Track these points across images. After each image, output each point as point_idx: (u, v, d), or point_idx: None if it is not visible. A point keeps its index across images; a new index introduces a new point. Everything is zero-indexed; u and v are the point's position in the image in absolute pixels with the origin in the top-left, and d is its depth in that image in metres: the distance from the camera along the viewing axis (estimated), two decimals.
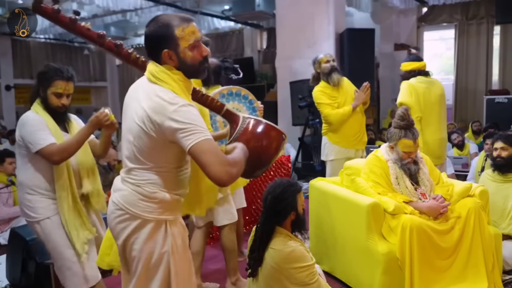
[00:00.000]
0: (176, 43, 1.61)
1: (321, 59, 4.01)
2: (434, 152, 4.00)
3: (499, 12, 8.47)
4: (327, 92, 4.00)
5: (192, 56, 1.64)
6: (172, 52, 1.62)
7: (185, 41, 1.61)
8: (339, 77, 3.97)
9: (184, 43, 1.61)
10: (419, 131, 3.91)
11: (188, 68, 1.65)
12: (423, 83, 4.05)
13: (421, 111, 3.97)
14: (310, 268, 2.22)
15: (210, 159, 1.48)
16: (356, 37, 6.66)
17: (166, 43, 1.61)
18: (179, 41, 1.61)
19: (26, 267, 3.01)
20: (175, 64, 1.64)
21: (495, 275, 2.78)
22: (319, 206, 3.32)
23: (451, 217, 2.79)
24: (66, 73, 2.39)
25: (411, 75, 4.11)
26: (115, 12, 9.66)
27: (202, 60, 1.67)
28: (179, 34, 1.60)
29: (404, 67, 4.23)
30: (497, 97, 8.25)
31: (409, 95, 3.98)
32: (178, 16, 1.65)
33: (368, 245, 2.74)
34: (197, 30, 1.65)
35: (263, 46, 12.55)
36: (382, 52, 9.76)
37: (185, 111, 1.53)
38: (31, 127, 2.28)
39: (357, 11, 9.31)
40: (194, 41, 1.63)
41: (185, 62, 1.64)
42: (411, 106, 3.93)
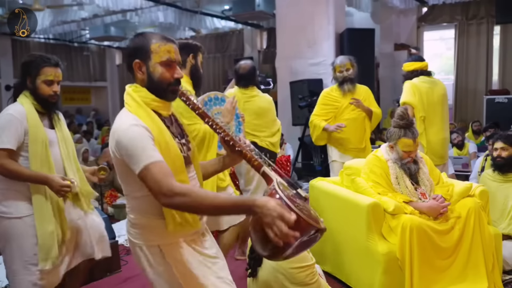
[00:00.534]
0: (148, 56, 1.58)
1: (335, 67, 4.06)
2: (437, 152, 4.00)
3: (499, 12, 8.47)
4: (332, 95, 4.07)
5: (161, 73, 1.58)
6: (142, 64, 1.59)
7: (157, 56, 1.58)
8: (350, 87, 4.00)
9: (156, 58, 1.58)
10: (423, 131, 3.92)
11: (155, 85, 1.59)
12: (426, 83, 4.06)
13: (424, 110, 3.98)
14: (310, 268, 2.22)
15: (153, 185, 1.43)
16: (356, 37, 6.66)
17: (139, 54, 1.59)
18: (152, 54, 1.58)
19: None
20: (143, 77, 1.60)
21: (495, 275, 2.78)
22: (319, 206, 3.32)
23: (451, 217, 2.79)
24: (53, 59, 2.32)
25: (413, 75, 4.12)
26: (115, 12, 9.65)
27: (172, 82, 1.61)
28: (153, 48, 1.58)
29: (406, 67, 4.22)
30: (497, 97, 8.25)
31: (412, 94, 3.99)
32: (162, 35, 1.63)
33: (368, 245, 2.74)
34: (174, 51, 1.60)
35: (263, 46, 12.55)
36: (382, 52, 9.76)
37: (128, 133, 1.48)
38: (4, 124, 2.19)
39: (357, 11, 9.31)
40: (167, 59, 1.58)
41: (153, 78, 1.59)
42: (415, 106, 3.96)
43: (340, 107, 4.01)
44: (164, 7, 9.56)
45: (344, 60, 4.06)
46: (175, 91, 1.63)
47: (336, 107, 4.03)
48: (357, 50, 6.50)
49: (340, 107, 4.01)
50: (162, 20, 10.05)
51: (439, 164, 4.02)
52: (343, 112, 4.01)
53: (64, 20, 10.24)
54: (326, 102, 4.08)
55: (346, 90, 3.99)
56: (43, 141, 2.23)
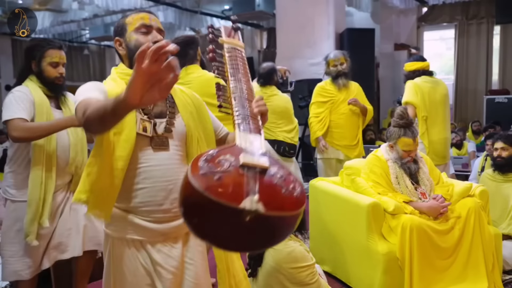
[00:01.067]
0: (125, 29, 1.54)
1: (329, 61, 4.05)
2: (440, 152, 4.00)
3: (499, 12, 8.48)
4: (326, 89, 4.05)
5: (136, 39, 1.51)
6: (121, 39, 1.55)
7: (131, 25, 1.53)
8: (344, 82, 4.00)
9: (131, 27, 1.53)
10: (425, 131, 3.91)
11: (132, 53, 1.48)
12: (428, 82, 4.05)
13: (426, 110, 3.96)
14: (310, 268, 2.22)
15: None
16: (356, 37, 6.67)
17: (118, 32, 1.57)
18: (127, 26, 1.54)
19: None
20: (125, 53, 1.56)
21: (495, 275, 2.78)
22: (319, 206, 3.32)
23: (451, 217, 2.79)
24: (56, 42, 2.33)
25: (415, 74, 4.10)
26: (115, 12, 9.66)
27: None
28: (127, 21, 1.55)
29: (408, 67, 4.20)
30: (497, 97, 8.26)
31: (415, 94, 3.97)
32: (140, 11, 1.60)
33: (368, 245, 2.74)
34: (147, 17, 1.54)
35: (263, 46, 12.55)
36: (382, 52, 9.76)
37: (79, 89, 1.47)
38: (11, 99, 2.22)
39: (357, 11, 9.32)
40: (141, 25, 1.52)
41: (129, 46, 1.53)
42: (417, 106, 3.95)
43: (336, 101, 4.00)
44: (164, 7, 9.58)
45: (338, 54, 4.06)
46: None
47: (332, 101, 4.02)
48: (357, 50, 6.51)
49: (336, 101, 4.00)
50: (162, 20, 10.05)
51: (441, 164, 4.02)
52: (338, 106, 4.01)
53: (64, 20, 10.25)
54: (323, 98, 4.06)
55: (341, 84, 3.98)
56: (47, 118, 2.24)
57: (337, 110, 4.01)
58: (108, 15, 10.01)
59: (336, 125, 4.01)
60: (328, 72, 4.07)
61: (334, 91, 4.02)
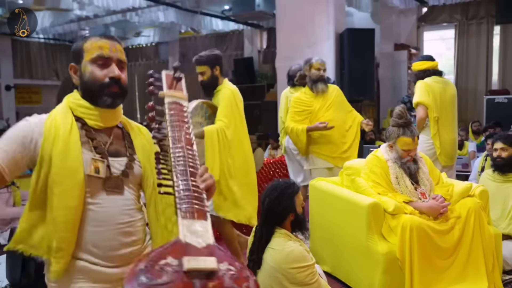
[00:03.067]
0: (81, 55, 1.39)
1: (313, 64, 3.88)
2: (450, 153, 3.96)
3: (499, 12, 8.48)
4: (304, 100, 3.88)
5: (91, 72, 1.36)
6: (76, 66, 1.41)
7: (88, 53, 1.37)
8: (323, 87, 3.85)
9: (87, 56, 1.38)
10: (436, 131, 3.85)
11: (87, 87, 1.38)
12: (439, 83, 3.97)
13: (438, 111, 3.89)
14: (310, 268, 2.22)
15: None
16: (356, 37, 6.66)
17: (75, 57, 1.42)
18: (84, 53, 1.38)
19: (26, 267, 3.01)
20: (77, 81, 1.42)
21: (495, 275, 2.78)
22: (319, 206, 3.32)
23: (451, 217, 2.79)
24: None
25: (426, 74, 4.00)
26: (115, 12, 9.66)
27: (106, 83, 1.36)
28: (85, 47, 1.39)
29: (417, 66, 4.09)
30: (497, 97, 8.26)
31: (426, 94, 3.89)
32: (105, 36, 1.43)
33: (368, 245, 2.74)
34: (107, 47, 1.37)
35: (263, 46, 12.55)
36: (382, 52, 9.76)
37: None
38: None
39: (357, 11, 9.32)
40: (97, 56, 1.36)
41: (83, 78, 1.38)
42: (429, 106, 3.86)
43: (312, 111, 3.83)
44: (164, 7, 9.57)
45: (320, 60, 3.93)
46: (111, 94, 1.36)
47: (309, 111, 3.84)
48: (357, 50, 6.53)
49: (312, 111, 3.83)
50: (162, 20, 10.06)
51: (450, 164, 3.99)
52: (317, 115, 3.82)
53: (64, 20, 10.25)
54: (299, 109, 3.87)
55: (319, 90, 3.83)
56: None
57: (316, 119, 3.81)
58: (108, 15, 10.01)
59: (320, 135, 3.80)
60: (308, 75, 3.89)
61: (310, 100, 3.85)
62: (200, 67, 3.08)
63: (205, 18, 10.90)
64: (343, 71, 6.66)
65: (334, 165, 3.83)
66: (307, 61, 3.96)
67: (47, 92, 14.04)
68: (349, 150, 3.87)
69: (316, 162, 3.90)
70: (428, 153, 3.85)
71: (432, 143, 3.93)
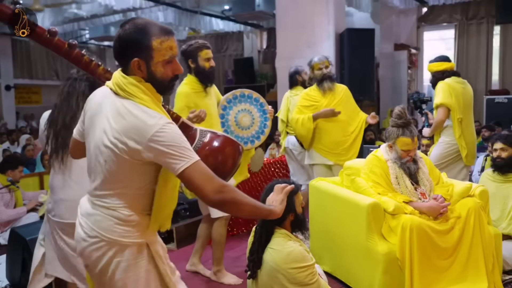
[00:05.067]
0: (150, 55, 1.47)
1: (314, 65, 3.92)
2: (473, 152, 3.94)
3: (499, 12, 8.47)
4: (310, 95, 3.91)
5: (163, 72, 1.50)
6: (143, 63, 1.47)
7: (160, 55, 1.47)
8: (330, 85, 3.85)
9: (159, 57, 1.48)
10: (461, 133, 3.79)
11: (156, 83, 1.51)
12: (460, 83, 3.92)
13: (461, 112, 3.83)
14: (310, 268, 2.22)
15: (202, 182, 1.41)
16: (356, 37, 6.66)
17: (139, 52, 1.47)
18: (154, 53, 1.47)
19: (26, 267, 3.00)
20: (143, 76, 1.50)
21: (495, 275, 2.78)
22: (319, 206, 3.32)
23: (451, 217, 2.79)
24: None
25: (445, 75, 3.94)
26: (115, 12, 9.66)
27: (173, 78, 1.54)
28: (155, 46, 1.46)
29: (435, 67, 4.01)
30: (497, 97, 8.26)
31: (449, 95, 3.82)
32: (159, 26, 1.50)
33: (368, 245, 2.74)
34: (175, 46, 1.51)
35: (263, 46, 12.56)
36: (382, 52, 9.76)
37: (168, 132, 1.41)
38: None
39: (357, 11, 9.31)
40: (170, 57, 1.49)
41: (155, 76, 1.50)
42: (453, 108, 3.81)
43: (319, 106, 3.83)
44: (164, 7, 9.57)
45: (322, 57, 3.94)
46: (173, 86, 1.57)
47: (316, 106, 3.85)
48: (357, 50, 6.53)
49: (319, 106, 3.83)
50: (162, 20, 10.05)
51: (472, 164, 4.03)
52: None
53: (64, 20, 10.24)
54: (306, 103, 3.89)
55: (326, 88, 3.84)
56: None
57: None
58: (108, 15, 10.00)
59: (324, 131, 3.82)
60: (313, 76, 3.93)
61: (318, 96, 3.87)
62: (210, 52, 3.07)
63: (205, 18, 10.89)
64: (343, 71, 6.66)
65: (334, 162, 3.83)
66: (309, 63, 4.01)
67: (47, 92, 14.04)
68: (350, 148, 3.85)
69: (316, 157, 3.91)
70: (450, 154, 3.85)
71: (453, 144, 3.86)
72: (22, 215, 4.26)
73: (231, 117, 3.25)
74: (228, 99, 3.29)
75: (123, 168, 1.47)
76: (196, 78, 3.04)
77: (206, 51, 3.00)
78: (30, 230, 3.05)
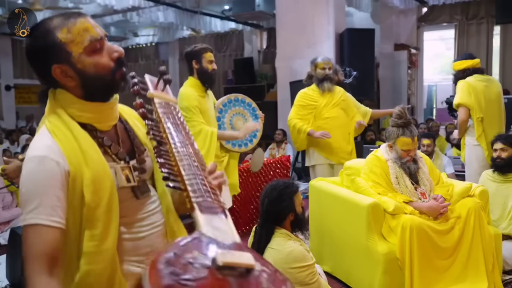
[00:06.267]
0: (66, 51, 1.10)
1: (318, 64, 3.95)
2: None
3: (499, 12, 8.46)
4: (310, 95, 3.96)
5: (95, 63, 1.11)
6: (65, 66, 1.10)
7: (75, 44, 1.10)
8: (330, 86, 3.91)
9: (75, 47, 1.10)
10: (481, 132, 3.74)
11: (95, 82, 1.12)
12: (482, 81, 3.86)
13: (482, 111, 3.77)
14: (310, 268, 2.22)
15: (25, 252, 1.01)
16: (356, 37, 6.67)
17: (52, 56, 1.10)
18: (68, 46, 1.10)
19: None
20: (76, 83, 1.13)
21: (495, 275, 2.78)
22: (319, 206, 3.32)
23: (451, 217, 2.79)
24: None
25: (466, 74, 3.88)
26: (115, 12, 9.66)
27: (115, 68, 1.14)
28: (62, 38, 1.09)
29: (457, 66, 3.98)
30: None
31: (468, 95, 3.77)
32: (61, 14, 1.14)
33: (368, 245, 2.74)
34: (91, 26, 1.12)
35: (263, 46, 12.55)
36: (382, 52, 9.75)
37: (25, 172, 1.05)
38: None
39: (357, 11, 9.31)
40: (90, 41, 1.10)
41: (87, 74, 1.11)
42: (472, 107, 3.77)
43: (318, 106, 3.89)
44: (164, 7, 9.57)
45: (326, 59, 3.98)
46: (123, 75, 1.16)
47: (314, 106, 3.91)
48: (357, 50, 6.53)
49: (318, 106, 3.89)
50: (162, 20, 10.06)
51: None
52: (321, 111, 3.89)
53: None
54: (304, 103, 3.95)
55: (325, 88, 3.89)
56: None
57: (320, 115, 3.89)
58: (108, 15, 10.01)
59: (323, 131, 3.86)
60: (315, 74, 3.96)
61: (317, 96, 3.92)
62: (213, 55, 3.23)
63: (205, 18, 10.90)
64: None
65: (336, 162, 3.86)
66: (312, 61, 4.03)
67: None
68: (351, 150, 3.93)
69: (319, 158, 3.95)
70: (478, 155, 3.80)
71: (477, 144, 3.83)
72: (17, 217, 4.25)
73: (226, 120, 3.39)
74: (223, 103, 3.45)
75: None
76: (198, 80, 3.17)
77: (210, 54, 3.17)
78: None
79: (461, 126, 3.87)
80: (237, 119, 3.47)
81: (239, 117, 3.47)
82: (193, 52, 3.16)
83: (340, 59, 6.70)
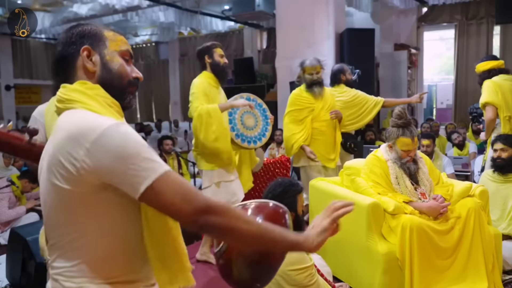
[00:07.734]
0: (103, 42, 1.18)
1: (305, 68, 3.95)
2: None
3: (499, 12, 8.46)
4: (305, 97, 3.98)
5: (121, 65, 1.19)
6: (94, 52, 1.16)
7: (115, 44, 1.20)
8: (320, 91, 3.94)
9: (114, 45, 1.19)
10: (508, 131, 3.71)
11: (112, 80, 1.16)
12: (508, 80, 3.86)
13: (509, 110, 3.76)
14: (309, 269, 2.22)
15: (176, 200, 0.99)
16: (356, 37, 6.66)
17: (89, 39, 1.17)
18: (108, 41, 1.19)
19: (26, 267, 3.01)
20: (94, 69, 1.15)
21: (495, 275, 2.78)
22: (319, 206, 3.32)
23: (451, 217, 2.79)
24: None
25: (491, 74, 3.90)
26: (115, 12, 9.66)
27: (133, 81, 1.21)
28: (108, 35, 1.20)
29: (481, 67, 4.01)
30: None
31: (495, 94, 3.77)
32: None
33: (368, 245, 2.74)
34: (129, 46, 1.26)
35: (263, 46, 12.55)
36: (382, 52, 9.76)
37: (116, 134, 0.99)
38: None
39: (357, 11, 9.31)
40: (127, 50, 1.22)
41: (110, 68, 1.16)
42: (499, 106, 3.76)
43: (316, 109, 3.93)
44: (164, 7, 9.58)
45: (315, 62, 3.94)
46: (133, 93, 1.22)
47: (312, 108, 3.93)
48: (357, 50, 6.53)
49: (316, 109, 3.93)
50: (162, 20, 10.06)
51: None
52: (319, 114, 3.93)
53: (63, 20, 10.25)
54: (298, 107, 3.97)
55: (316, 93, 3.93)
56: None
57: (318, 118, 3.93)
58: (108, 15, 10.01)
59: (320, 133, 3.94)
60: (303, 78, 3.97)
61: (311, 99, 3.94)
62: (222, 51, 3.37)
63: (205, 18, 10.90)
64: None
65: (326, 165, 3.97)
66: (300, 64, 4.02)
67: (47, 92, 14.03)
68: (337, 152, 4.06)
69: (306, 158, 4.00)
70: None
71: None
72: (22, 215, 4.27)
73: (237, 116, 3.45)
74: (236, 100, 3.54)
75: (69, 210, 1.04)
76: (212, 73, 3.28)
77: (220, 49, 3.32)
78: (30, 230, 3.05)
79: (489, 125, 3.84)
80: (248, 117, 3.53)
81: (250, 115, 3.53)
82: (204, 48, 3.30)
83: (340, 59, 6.69)
